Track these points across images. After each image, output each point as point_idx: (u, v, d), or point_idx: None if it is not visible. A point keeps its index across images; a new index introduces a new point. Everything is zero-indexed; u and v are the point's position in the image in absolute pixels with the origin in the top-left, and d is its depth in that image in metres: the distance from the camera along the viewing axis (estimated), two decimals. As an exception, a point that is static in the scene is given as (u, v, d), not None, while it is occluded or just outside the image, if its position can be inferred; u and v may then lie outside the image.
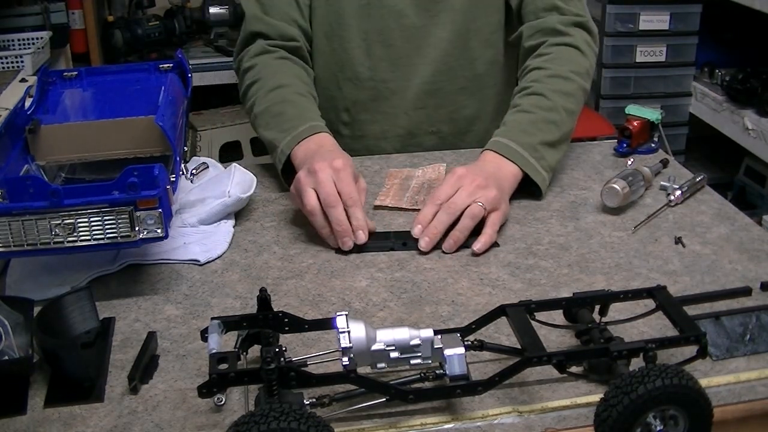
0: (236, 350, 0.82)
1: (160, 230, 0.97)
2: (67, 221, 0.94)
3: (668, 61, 2.73)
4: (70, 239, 0.95)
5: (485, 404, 0.83)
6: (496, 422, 0.81)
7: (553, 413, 0.82)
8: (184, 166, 1.17)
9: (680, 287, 1.03)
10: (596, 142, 1.56)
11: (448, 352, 0.80)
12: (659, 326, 0.94)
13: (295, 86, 1.34)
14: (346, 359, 0.77)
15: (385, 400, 0.80)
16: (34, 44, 2.26)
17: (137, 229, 0.96)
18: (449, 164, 1.36)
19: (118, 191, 0.94)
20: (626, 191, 1.20)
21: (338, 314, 0.79)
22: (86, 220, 0.95)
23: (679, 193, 1.25)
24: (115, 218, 0.95)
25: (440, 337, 0.82)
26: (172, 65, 1.31)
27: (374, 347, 0.79)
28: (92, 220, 0.95)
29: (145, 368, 0.88)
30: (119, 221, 0.95)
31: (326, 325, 0.86)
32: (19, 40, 2.30)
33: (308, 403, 0.78)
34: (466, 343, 0.83)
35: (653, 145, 1.43)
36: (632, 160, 1.32)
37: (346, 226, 1.11)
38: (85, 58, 2.75)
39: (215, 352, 0.79)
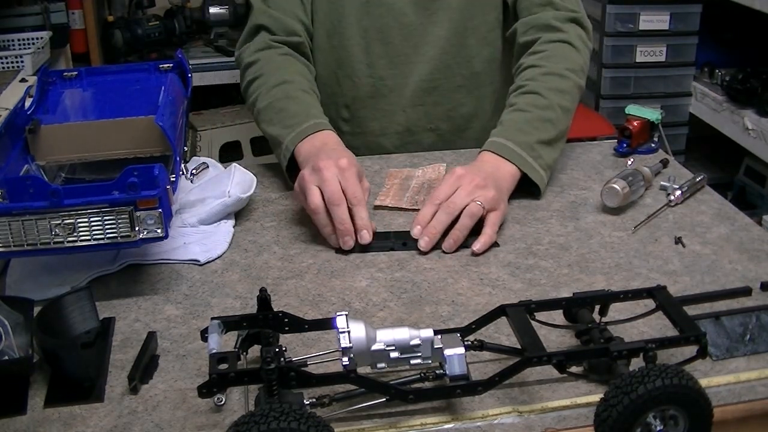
0: (236, 350, 0.82)
1: (160, 230, 0.97)
2: (67, 221, 0.94)
3: (668, 61, 2.72)
4: (70, 239, 0.95)
5: (485, 404, 0.83)
6: (496, 422, 0.81)
7: (553, 413, 0.82)
8: (184, 166, 1.17)
9: (680, 287, 1.03)
10: (596, 142, 1.56)
11: (448, 352, 0.80)
12: (659, 326, 0.94)
13: (298, 83, 1.35)
14: (346, 359, 0.77)
15: (385, 400, 0.80)
16: (34, 44, 2.26)
17: (137, 229, 0.96)
18: (449, 164, 1.36)
19: (118, 191, 0.94)
20: (626, 191, 1.20)
21: (338, 314, 0.79)
22: (86, 220, 0.95)
23: (679, 193, 1.25)
24: (115, 218, 0.95)
25: (440, 337, 0.82)
26: (172, 65, 1.31)
27: (374, 347, 0.79)
28: (92, 220, 0.95)
29: (145, 368, 0.88)
30: (119, 221, 0.95)
31: (326, 325, 0.86)
32: (19, 40, 2.30)
33: (308, 403, 0.78)
34: (466, 343, 0.83)
35: (653, 145, 1.43)
36: (632, 160, 1.32)
37: (348, 225, 1.11)
38: (85, 58, 2.75)
39: (215, 352, 0.79)
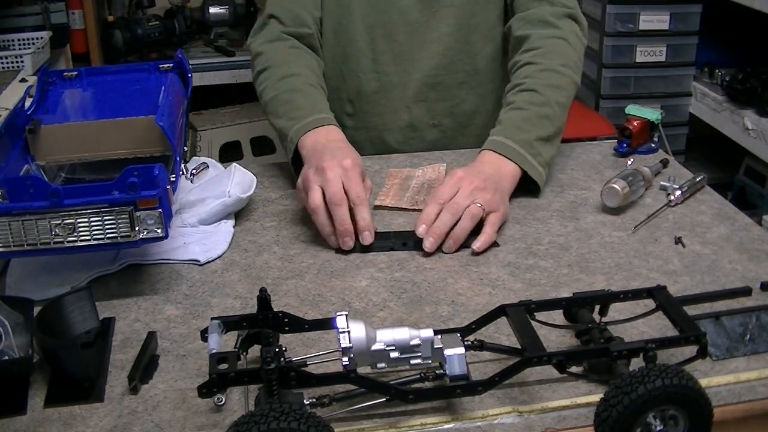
0: (236, 350, 0.82)
1: (160, 230, 0.97)
2: (67, 221, 0.94)
3: (668, 61, 2.72)
4: (70, 239, 0.95)
5: (485, 404, 0.83)
6: (496, 422, 0.81)
7: (553, 413, 0.82)
8: (184, 166, 1.17)
9: (680, 287, 1.03)
10: (596, 142, 1.56)
11: (448, 352, 0.80)
12: (659, 326, 0.94)
13: (305, 76, 1.36)
14: (346, 359, 0.77)
15: (385, 400, 0.80)
16: (34, 44, 2.26)
17: (137, 229, 0.96)
18: (449, 164, 1.37)
19: (118, 191, 0.94)
20: (626, 191, 1.20)
21: (338, 314, 0.79)
22: (86, 220, 0.95)
23: (679, 193, 1.25)
24: (115, 218, 0.95)
25: (440, 337, 0.82)
26: (172, 65, 1.31)
27: (374, 347, 0.79)
28: (92, 220, 0.95)
29: (145, 368, 0.88)
30: (119, 221, 0.95)
31: (326, 325, 0.86)
32: (19, 40, 2.30)
33: (308, 403, 0.78)
34: (466, 343, 0.83)
35: (653, 145, 1.44)
36: (632, 160, 1.32)
37: (348, 225, 1.11)
38: (85, 58, 2.75)
39: (215, 352, 0.78)
